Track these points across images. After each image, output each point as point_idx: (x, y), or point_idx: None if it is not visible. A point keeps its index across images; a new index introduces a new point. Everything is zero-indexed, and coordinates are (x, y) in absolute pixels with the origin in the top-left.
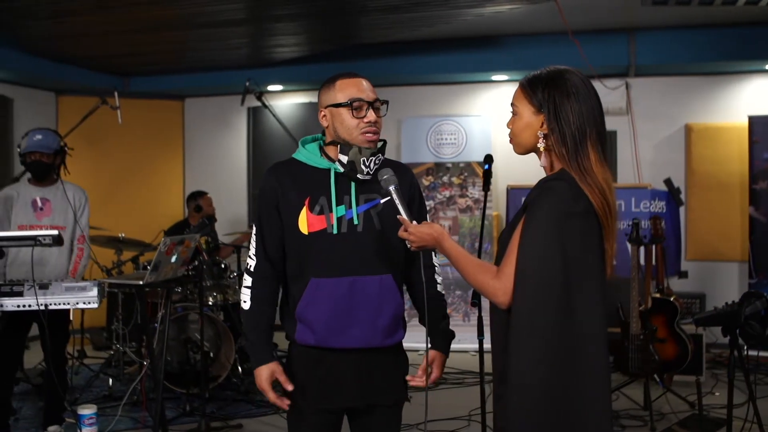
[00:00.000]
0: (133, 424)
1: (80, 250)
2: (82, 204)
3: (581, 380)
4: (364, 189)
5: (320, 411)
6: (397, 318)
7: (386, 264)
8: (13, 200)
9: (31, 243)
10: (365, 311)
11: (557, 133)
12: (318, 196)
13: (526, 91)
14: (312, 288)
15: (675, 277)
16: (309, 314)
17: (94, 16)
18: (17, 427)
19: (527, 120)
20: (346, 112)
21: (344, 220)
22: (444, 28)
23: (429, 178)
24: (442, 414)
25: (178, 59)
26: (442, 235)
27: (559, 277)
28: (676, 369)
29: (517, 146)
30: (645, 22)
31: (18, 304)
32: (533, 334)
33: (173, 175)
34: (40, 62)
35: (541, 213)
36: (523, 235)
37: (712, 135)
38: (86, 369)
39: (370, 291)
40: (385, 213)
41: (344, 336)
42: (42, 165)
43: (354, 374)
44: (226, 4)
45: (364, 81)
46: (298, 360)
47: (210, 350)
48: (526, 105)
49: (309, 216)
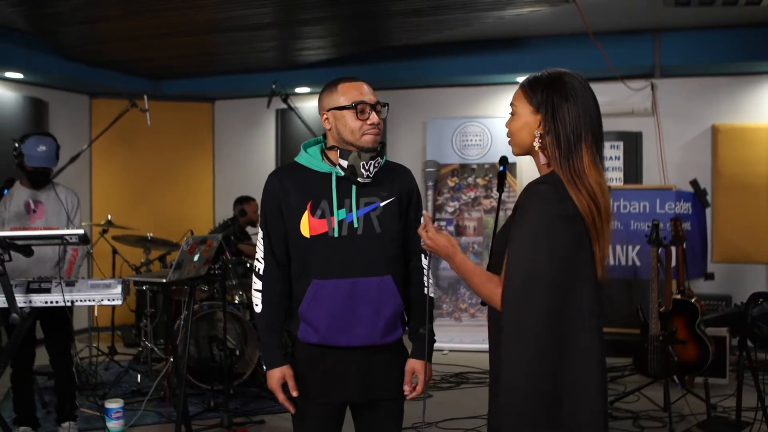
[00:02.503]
0: (158, 418)
1: (75, 251)
2: (75, 206)
3: (572, 381)
4: (364, 192)
5: (322, 405)
6: (396, 317)
7: (385, 266)
8: (7, 201)
9: (59, 242)
10: (365, 311)
11: (552, 134)
12: (320, 200)
13: (526, 91)
14: (314, 289)
15: (701, 279)
16: (311, 313)
17: (125, 21)
18: (48, 419)
19: (525, 120)
20: (350, 114)
21: (345, 224)
22: (469, 31)
23: (454, 179)
24: (462, 413)
25: (208, 62)
26: (456, 249)
27: (546, 279)
28: (697, 371)
29: (514, 146)
30: (670, 22)
31: (46, 300)
32: (522, 335)
33: (203, 176)
34: (75, 66)
35: (527, 217)
36: (511, 238)
37: (740, 136)
38: (116, 365)
39: (370, 292)
40: (384, 216)
41: (345, 335)
42: (42, 176)
43: (355, 370)
44: (254, 9)
45: (365, 84)
46: (301, 356)
47: (235, 348)
48: (525, 105)
49: (311, 220)
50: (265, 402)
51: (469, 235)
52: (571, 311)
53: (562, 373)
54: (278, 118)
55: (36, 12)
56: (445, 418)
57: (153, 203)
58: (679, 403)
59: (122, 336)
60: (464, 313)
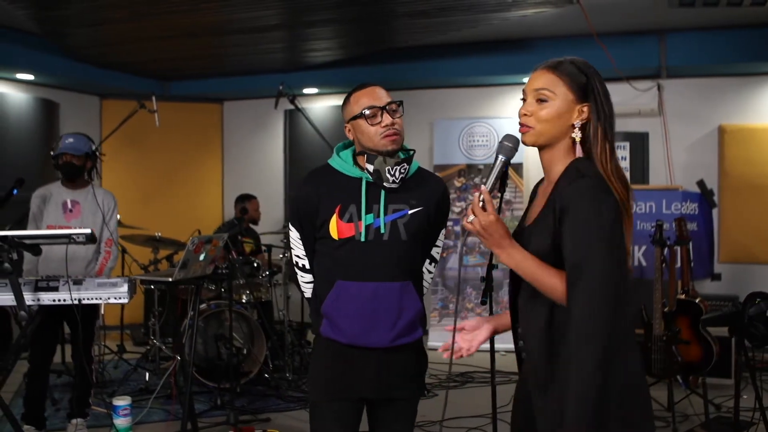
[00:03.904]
0: (165, 415)
1: (107, 252)
2: (111, 208)
3: (632, 377)
4: (393, 199)
5: (339, 399)
6: (416, 320)
7: (408, 272)
8: (46, 199)
9: (66, 241)
10: (386, 314)
11: (604, 124)
12: (348, 204)
13: (563, 75)
14: (338, 289)
15: (708, 280)
16: (334, 312)
17: (132, 23)
18: (57, 416)
19: (565, 107)
20: (364, 121)
21: (372, 229)
22: (475, 32)
23: (461, 180)
24: (467, 412)
25: (217, 64)
26: (511, 240)
27: (616, 277)
28: (701, 371)
29: (537, 135)
30: (676, 23)
31: (53, 299)
32: (596, 333)
33: (212, 176)
34: (85, 68)
35: (592, 214)
36: (579, 236)
37: (746, 136)
38: (125, 363)
39: (391, 296)
40: (411, 224)
41: (365, 336)
42: (72, 167)
43: (373, 369)
44: (261, 11)
45: (377, 88)
46: (320, 352)
47: (243, 346)
48: (566, 92)
49: (339, 223)
50: (272, 400)
51: None
52: (624, 310)
53: (626, 371)
54: (286, 118)
55: (44, 15)
56: (450, 416)
57: (162, 203)
58: (683, 403)
59: (131, 335)
60: (470, 312)
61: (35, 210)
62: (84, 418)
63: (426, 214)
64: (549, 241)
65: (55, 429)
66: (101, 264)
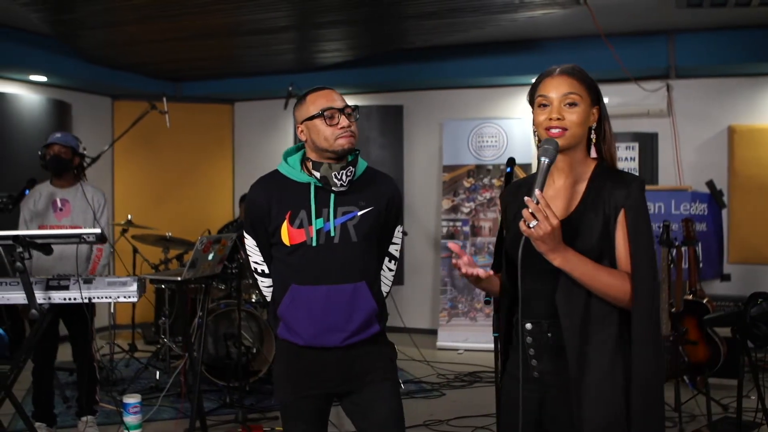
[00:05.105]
0: (174, 413)
1: (99, 250)
2: (101, 205)
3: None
4: (342, 201)
5: (304, 397)
6: (370, 318)
7: (361, 273)
8: (36, 199)
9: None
10: (339, 316)
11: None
12: (298, 210)
13: (584, 82)
14: (292, 293)
15: (717, 280)
16: (289, 315)
17: (144, 25)
18: (68, 414)
19: (588, 111)
20: (320, 122)
21: (322, 233)
22: (483, 33)
23: (470, 180)
24: (474, 411)
25: (227, 65)
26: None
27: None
28: (708, 371)
29: (572, 138)
30: (684, 23)
31: (65, 297)
32: (655, 331)
33: (223, 176)
34: (97, 69)
35: (646, 215)
36: (637, 237)
37: (756, 137)
38: (136, 362)
39: (344, 297)
40: (361, 225)
41: (321, 337)
42: (60, 160)
43: (334, 366)
44: (272, 13)
45: (333, 91)
46: (281, 353)
47: (252, 345)
48: (587, 96)
49: (290, 229)
50: None
51: (485, 236)
52: None
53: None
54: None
55: (57, 17)
56: (457, 416)
57: (174, 203)
58: (690, 403)
59: (143, 333)
60: (479, 312)
61: (25, 213)
62: (93, 415)
63: (376, 213)
64: (595, 238)
65: (66, 426)
66: (93, 263)
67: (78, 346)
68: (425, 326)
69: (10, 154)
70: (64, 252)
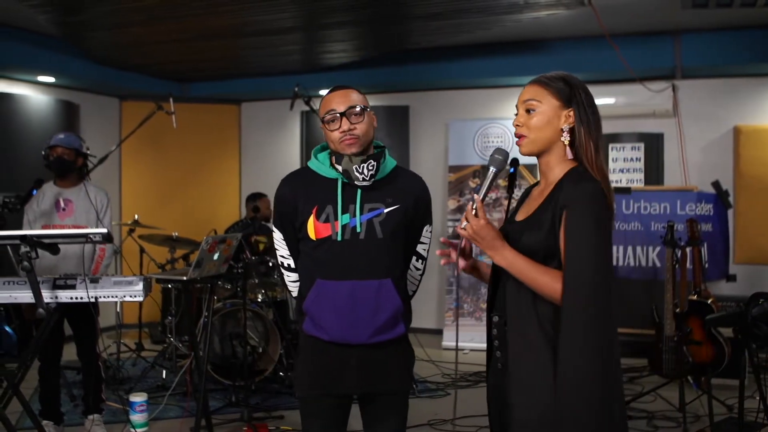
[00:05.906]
0: (180, 412)
1: (102, 250)
2: (104, 205)
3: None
4: (369, 198)
5: (324, 396)
6: (396, 316)
7: (386, 269)
8: (39, 199)
9: (83, 240)
10: (365, 312)
11: (588, 125)
12: (325, 205)
13: (549, 86)
14: (318, 288)
15: (723, 281)
16: (315, 310)
17: (152, 26)
18: (75, 412)
19: (552, 114)
20: (326, 126)
21: (348, 228)
22: (489, 33)
23: (476, 181)
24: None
25: (234, 65)
26: (504, 242)
27: (609, 284)
28: (712, 372)
29: (532, 143)
30: (690, 24)
31: (71, 296)
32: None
33: (230, 177)
34: (105, 70)
35: (589, 220)
36: (574, 239)
37: (762, 137)
38: (143, 361)
39: (369, 294)
40: (387, 222)
41: (346, 333)
42: (63, 161)
43: (355, 365)
44: (278, 14)
45: (341, 92)
46: (305, 348)
47: (258, 345)
48: (551, 100)
49: (316, 224)
50: (285, 398)
51: None
52: (611, 309)
53: (615, 376)
54: (303, 119)
55: (65, 19)
56: (462, 415)
57: (181, 203)
58: (695, 403)
59: (149, 333)
60: (485, 312)
61: (29, 214)
62: (99, 414)
63: (403, 211)
64: (542, 237)
65: (73, 424)
66: (97, 262)
67: (83, 345)
68: (431, 326)
69: (19, 154)
70: (66, 252)
